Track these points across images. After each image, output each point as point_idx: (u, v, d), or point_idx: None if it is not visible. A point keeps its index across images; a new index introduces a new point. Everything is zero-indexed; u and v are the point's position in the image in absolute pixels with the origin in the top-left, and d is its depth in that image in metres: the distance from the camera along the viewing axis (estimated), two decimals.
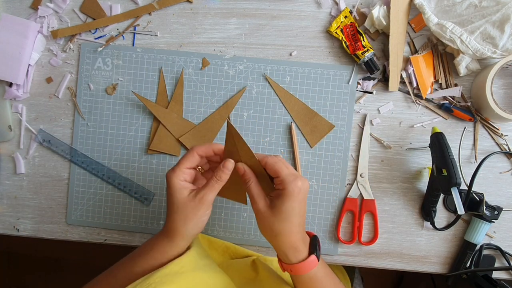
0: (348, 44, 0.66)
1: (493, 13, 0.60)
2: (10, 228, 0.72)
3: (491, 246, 0.67)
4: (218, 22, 0.69)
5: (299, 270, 0.51)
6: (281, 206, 0.49)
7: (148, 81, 0.70)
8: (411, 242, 0.69)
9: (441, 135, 0.62)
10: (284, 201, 0.48)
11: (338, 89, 0.68)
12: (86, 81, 0.70)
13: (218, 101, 0.69)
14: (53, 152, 0.71)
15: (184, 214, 0.50)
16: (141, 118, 0.70)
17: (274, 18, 0.69)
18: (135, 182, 0.70)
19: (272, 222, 0.49)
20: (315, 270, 0.51)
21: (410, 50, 0.67)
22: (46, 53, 0.71)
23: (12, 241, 1.56)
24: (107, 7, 0.70)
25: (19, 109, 0.71)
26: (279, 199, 0.49)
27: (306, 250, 0.51)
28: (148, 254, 0.52)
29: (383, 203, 0.69)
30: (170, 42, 0.70)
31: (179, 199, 0.50)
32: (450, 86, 0.67)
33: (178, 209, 0.50)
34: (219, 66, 0.69)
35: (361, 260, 0.69)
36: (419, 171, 0.68)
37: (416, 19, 0.66)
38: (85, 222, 0.71)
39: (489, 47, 0.61)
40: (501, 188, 0.68)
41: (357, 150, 0.69)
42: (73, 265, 1.57)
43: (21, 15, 0.70)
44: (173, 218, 0.50)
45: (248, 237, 0.69)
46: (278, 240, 0.50)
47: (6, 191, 0.72)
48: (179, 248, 0.51)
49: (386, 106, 0.68)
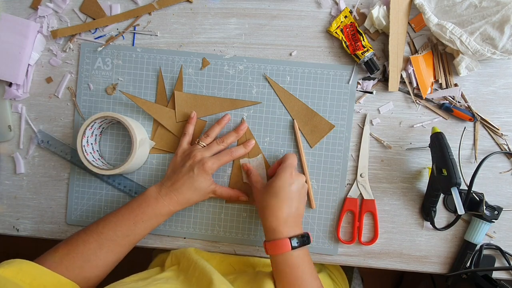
0: (348, 44, 0.66)
1: (493, 14, 0.60)
2: (10, 228, 0.72)
3: (491, 246, 0.67)
4: (218, 22, 0.69)
5: (270, 248, 0.57)
6: (271, 183, 0.60)
7: (148, 81, 0.70)
8: (411, 242, 0.69)
9: (441, 135, 0.62)
10: (275, 179, 0.60)
11: (338, 89, 0.68)
12: (86, 81, 0.70)
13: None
14: (53, 152, 0.71)
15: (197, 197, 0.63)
16: (141, 118, 0.70)
17: (274, 18, 0.69)
18: (135, 182, 0.70)
19: (262, 196, 0.60)
20: (287, 255, 0.56)
21: (410, 50, 0.67)
22: (46, 53, 0.71)
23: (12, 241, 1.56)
24: (107, 7, 0.70)
25: (19, 109, 0.71)
26: (272, 178, 0.60)
27: (286, 236, 0.57)
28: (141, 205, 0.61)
29: (383, 203, 0.69)
30: (170, 42, 0.70)
31: (203, 186, 0.62)
32: (450, 86, 0.67)
33: (196, 192, 0.62)
34: (219, 66, 0.69)
35: (361, 260, 0.69)
36: (419, 171, 0.68)
37: (416, 19, 0.66)
38: (85, 222, 0.71)
39: (488, 48, 0.61)
40: (501, 188, 0.68)
41: (357, 150, 0.69)
42: None
43: (21, 15, 0.70)
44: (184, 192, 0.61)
45: (248, 237, 0.69)
46: (265, 213, 0.58)
47: (6, 191, 0.72)
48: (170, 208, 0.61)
49: (386, 106, 0.68)
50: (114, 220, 0.59)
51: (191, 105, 0.69)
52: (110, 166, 0.67)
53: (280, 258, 0.56)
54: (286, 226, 0.57)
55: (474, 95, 0.67)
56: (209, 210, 0.70)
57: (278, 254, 0.56)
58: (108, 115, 0.63)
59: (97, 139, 0.69)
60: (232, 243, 0.70)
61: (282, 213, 0.58)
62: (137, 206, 0.60)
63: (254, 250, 0.70)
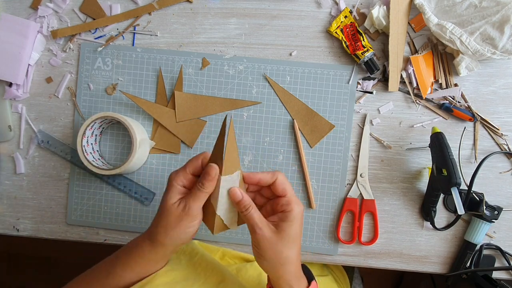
0: (348, 44, 0.66)
1: (493, 14, 0.60)
2: (10, 228, 0.72)
3: (491, 246, 0.67)
4: (218, 22, 0.69)
5: None
6: (289, 230, 0.44)
7: (148, 81, 0.70)
8: (411, 242, 0.69)
9: (441, 135, 0.62)
10: (292, 224, 0.44)
11: (338, 89, 0.68)
12: (86, 81, 0.70)
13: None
14: (53, 152, 0.71)
15: (167, 221, 0.45)
16: (141, 118, 0.70)
17: (274, 18, 0.69)
18: (135, 182, 0.70)
19: (280, 249, 0.44)
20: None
21: (410, 50, 0.67)
22: (46, 53, 0.71)
23: (12, 241, 1.56)
24: (107, 7, 0.70)
25: (19, 109, 0.71)
26: (285, 222, 0.44)
27: (304, 276, 0.48)
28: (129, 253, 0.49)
29: (383, 203, 0.69)
30: (170, 42, 0.70)
31: (168, 204, 0.45)
32: (450, 86, 0.67)
33: (163, 215, 0.46)
34: (219, 66, 0.69)
35: (361, 260, 0.69)
36: (419, 171, 0.68)
37: (416, 19, 0.66)
38: (85, 222, 0.71)
39: (488, 48, 0.61)
40: (501, 188, 0.68)
41: (357, 150, 0.68)
42: (72, 265, 1.57)
43: (21, 15, 0.70)
44: (157, 222, 0.46)
45: (248, 237, 0.69)
46: (285, 269, 0.45)
47: (6, 191, 0.72)
48: (159, 255, 0.48)
49: (386, 106, 0.68)
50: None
51: (191, 105, 0.69)
52: (110, 166, 0.67)
53: None
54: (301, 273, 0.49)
55: (474, 95, 0.67)
56: None
57: None
58: (108, 115, 0.63)
59: (97, 139, 0.69)
60: (232, 243, 0.70)
61: (299, 263, 0.48)
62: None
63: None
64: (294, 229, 0.45)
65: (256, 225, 0.44)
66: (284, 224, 0.44)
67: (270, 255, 0.45)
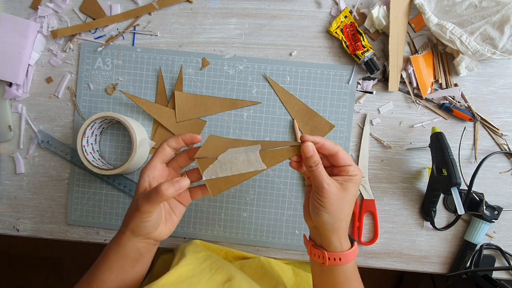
0: (348, 44, 0.66)
1: (493, 14, 0.60)
2: (10, 228, 0.72)
3: (491, 246, 0.67)
4: (218, 22, 0.69)
5: (348, 257, 0.50)
6: (352, 190, 0.49)
7: (148, 81, 0.70)
8: (411, 242, 0.69)
9: (441, 135, 0.62)
10: (356, 186, 0.49)
11: (338, 89, 0.68)
12: (86, 81, 0.70)
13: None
14: (53, 152, 0.71)
15: (129, 211, 0.49)
16: (141, 118, 0.70)
17: (274, 18, 0.69)
18: (135, 182, 0.70)
19: (343, 205, 0.48)
20: (348, 266, 0.50)
21: (410, 50, 0.67)
22: (46, 53, 0.71)
23: (12, 241, 1.56)
24: (107, 7, 0.70)
25: (19, 109, 0.71)
26: (350, 183, 0.49)
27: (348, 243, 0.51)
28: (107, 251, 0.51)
29: (383, 203, 0.69)
30: (170, 42, 0.70)
31: (136, 194, 0.48)
32: (450, 86, 0.67)
33: (131, 204, 0.49)
34: (219, 66, 0.69)
35: (361, 260, 0.69)
36: (419, 171, 0.68)
37: (416, 19, 0.66)
38: (85, 222, 0.71)
39: (488, 48, 0.61)
40: (501, 188, 0.68)
41: (357, 150, 0.68)
42: (73, 265, 1.57)
43: (21, 15, 0.70)
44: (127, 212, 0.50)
45: (248, 237, 0.69)
46: (341, 225, 0.49)
47: (6, 191, 0.72)
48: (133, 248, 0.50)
49: (386, 106, 0.68)
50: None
51: (191, 105, 0.69)
52: (110, 166, 0.67)
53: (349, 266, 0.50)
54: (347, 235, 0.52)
55: (474, 95, 0.67)
56: (209, 210, 0.70)
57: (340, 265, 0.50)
58: (108, 115, 0.63)
59: (97, 139, 0.69)
60: (232, 243, 0.70)
61: (348, 225, 0.52)
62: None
63: (254, 250, 0.70)
64: (356, 190, 0.49)
65: (325, 180, 0.48)
66: (349, 185, 0.49)
67: (334, 209, 0.48)
